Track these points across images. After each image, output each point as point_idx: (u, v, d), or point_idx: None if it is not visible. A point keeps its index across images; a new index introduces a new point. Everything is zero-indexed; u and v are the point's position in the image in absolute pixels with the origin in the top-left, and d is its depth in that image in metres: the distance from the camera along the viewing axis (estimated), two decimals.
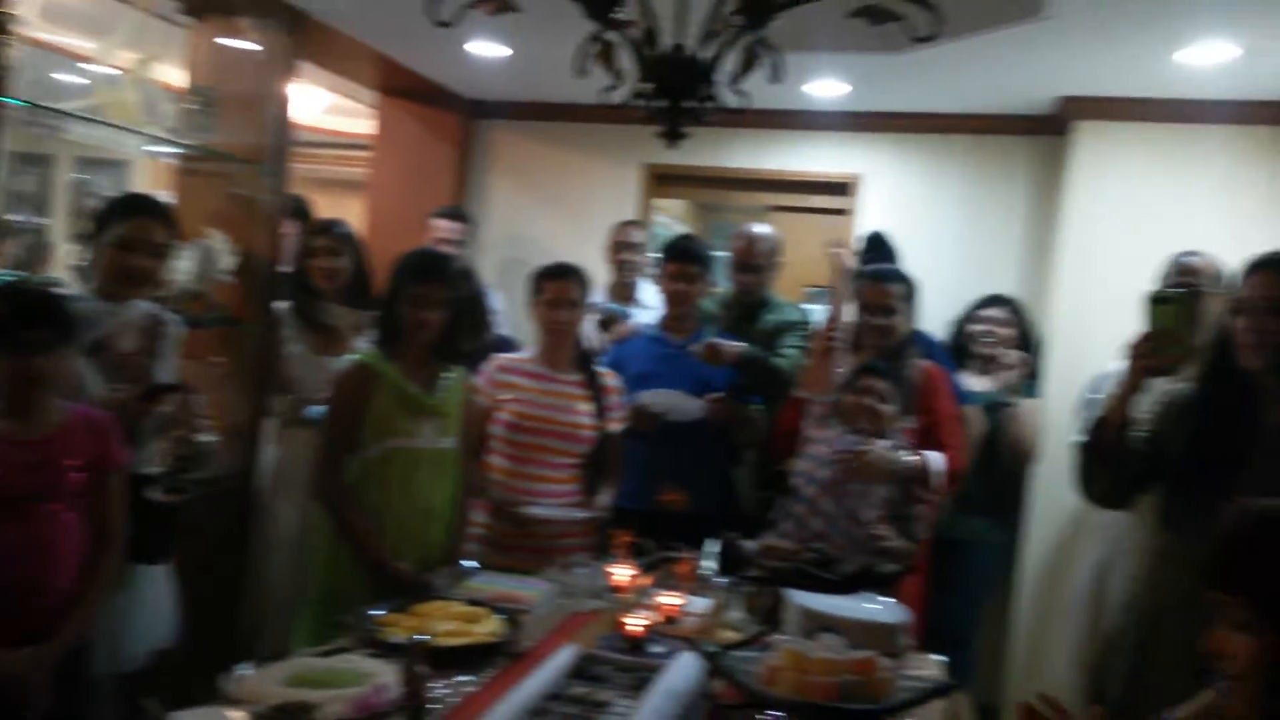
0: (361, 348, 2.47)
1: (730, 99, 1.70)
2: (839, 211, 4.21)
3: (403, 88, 4.32)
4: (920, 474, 2.53)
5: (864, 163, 4.13)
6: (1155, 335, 1.96)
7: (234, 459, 2.97)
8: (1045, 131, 3.79)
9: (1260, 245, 3.37)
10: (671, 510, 2.56)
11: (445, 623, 1.85)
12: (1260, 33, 2.73)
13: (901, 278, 2.83)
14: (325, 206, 3.98)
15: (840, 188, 4.21)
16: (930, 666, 1.96)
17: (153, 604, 2.25)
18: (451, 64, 3.88)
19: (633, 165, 4.38)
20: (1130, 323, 2.33)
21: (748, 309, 3.29)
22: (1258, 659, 0.95)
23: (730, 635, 1.87)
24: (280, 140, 3.24)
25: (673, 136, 1.65)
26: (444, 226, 3.85)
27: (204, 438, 2.26)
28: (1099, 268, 3.49)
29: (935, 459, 2.56)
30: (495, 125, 4.57)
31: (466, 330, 2.50)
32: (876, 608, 1.85)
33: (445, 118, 4.47)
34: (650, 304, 3.67)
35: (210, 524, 2.79)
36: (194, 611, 2.42)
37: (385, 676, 1.50)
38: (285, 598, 2.80)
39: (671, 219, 5.42)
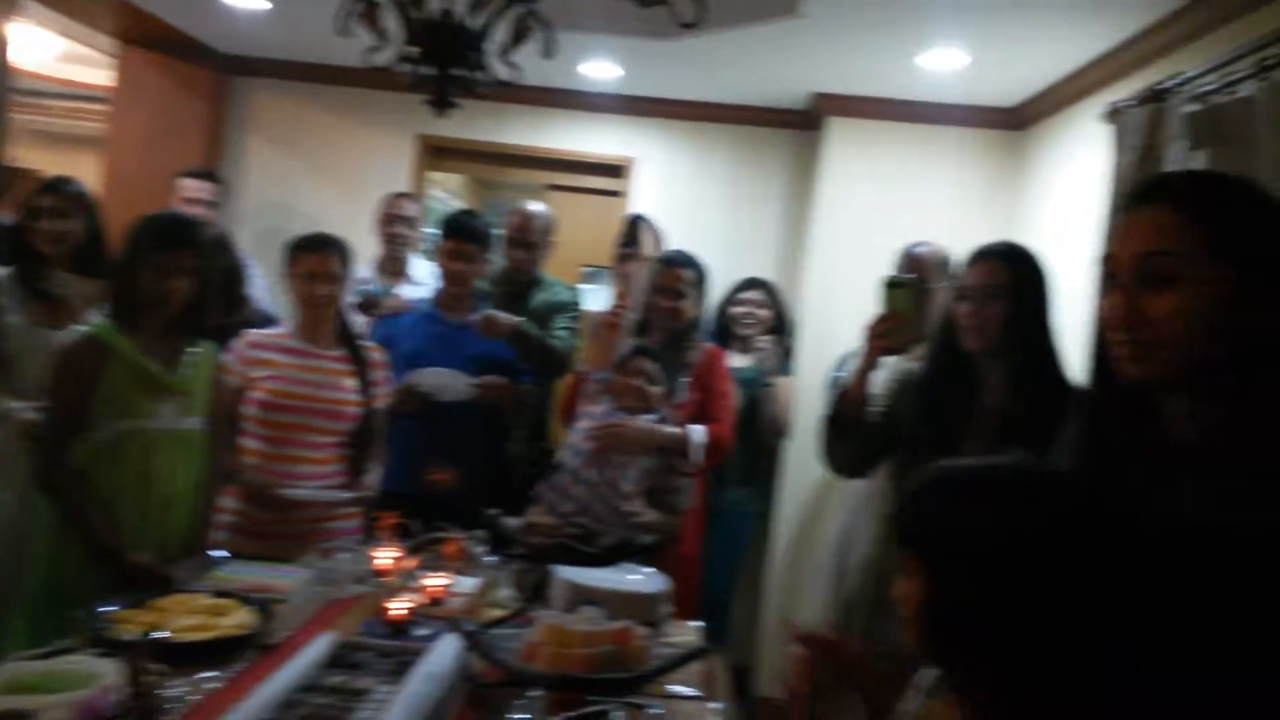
0: (93, 320, 2.24)
1: (501, 71, 1.67)
2: (613, 193, 4.27)
3: (147, 37, 3.95)
4: (681, 446, 2.63)
5: (637, 146, 4.21)
6: (888, 317, 2.13)
7: None
8: (801, 125, 4.02)
9: (986, 237, 3.74)
10: (441, 490, 2.52)
11: (188, 617, 1.73)
12: (985, 44, 3.01)
13: (693, 263, 2.92)
14: (54, 163, 3.59)
15: (615, 169, 4.27)
16: (689, 632, 2.05)
17: None
18: (203, 14, 3.59)
19: (406, 135, 4.24)
20: (872, 306, 2.53)
21: (519, 287, 3.28)
22: (917, 604, 1.05)
23: (498, 613, 1.87)
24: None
25: (441, 105, 1.61)
26: (192, 187, 3.57)
27: None
28: (846, 254, 3.74)
29: (697, 432, 2.67)
30: (255, 84, 4.28)
31: (219, 302, 2.33)
32: (638, 578, 1.91)
33: (196, 72, 4.13)
34: (422, 280, 3.58)
35: None
36: None
37: (114, 678, 1.38)
38: None
39: (447, 193, 5.31)
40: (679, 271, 2.84)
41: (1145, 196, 1.08)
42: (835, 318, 3.69)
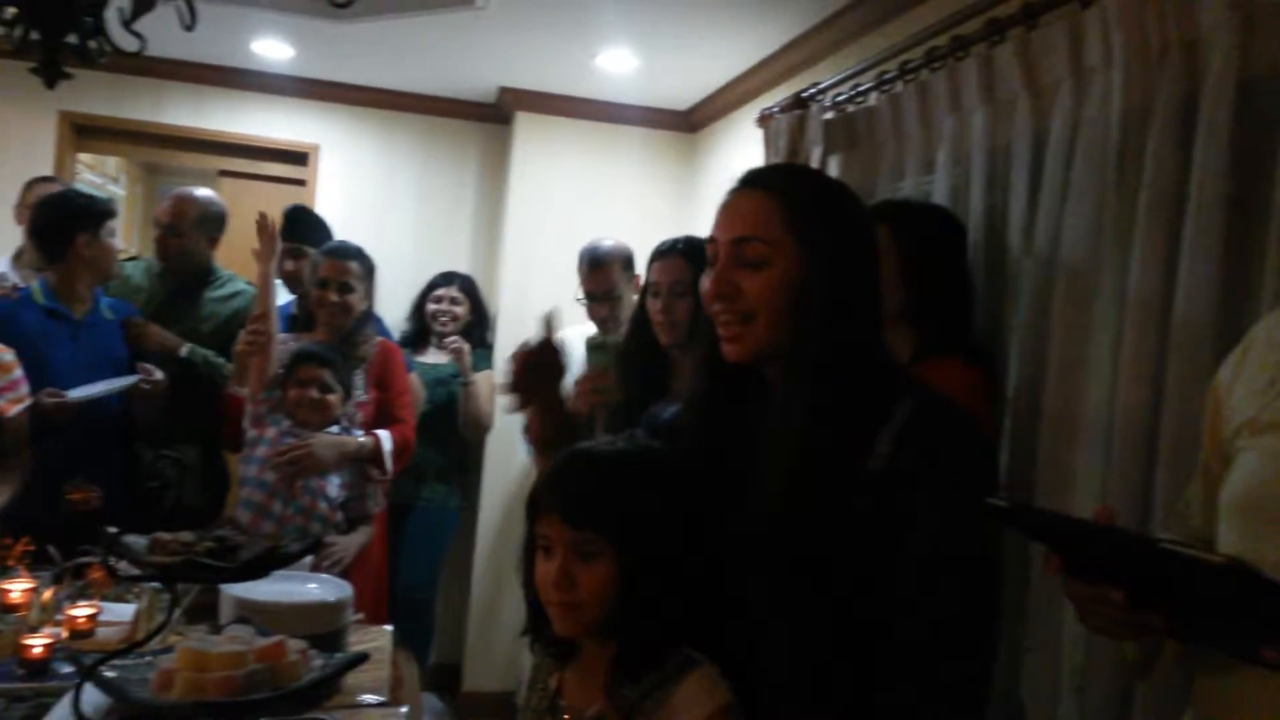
0: None
1: (126, 41, 1.51)
2: (297, 181, 4.04)
3: None
4: (374, 453, 2.55)
5: (321, 133, 4.01)
6: (596, 377, 2.15)
7: None
8: (492, 119, 4.02)
9: (669, 233, 3.90)
10: (81, 510, 2.25)
11: None
12: (653, 48, 3.14)
13: (360, 255, 2.80)
14: None
15: (298, 156, 4.04)
16: (381, 636, 1.99)
17: None
18: None
19: (47, 112, 3.75)
20: (565, 293, 2.59)
21: (187, 280, 3.01)
22: (606, 585, 1.08)
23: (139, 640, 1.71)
24: None
25: (49, 74, 1.42)
26: None
27: None
28: (540, 248, 3.78)
29: (387, 438, 2.60)
30: None
31: None
32: (314, 588, 1.82)
33: None
34: None
35: None
36: None
37: None
38: None
39: (102, 177, 4.78)
40: (346, 264, 2.70)
41: (742, 184, 1.18)
42: (532, 311, 3.69)
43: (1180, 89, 1.49)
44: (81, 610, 1.81)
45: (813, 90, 2.46)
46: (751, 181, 1.18)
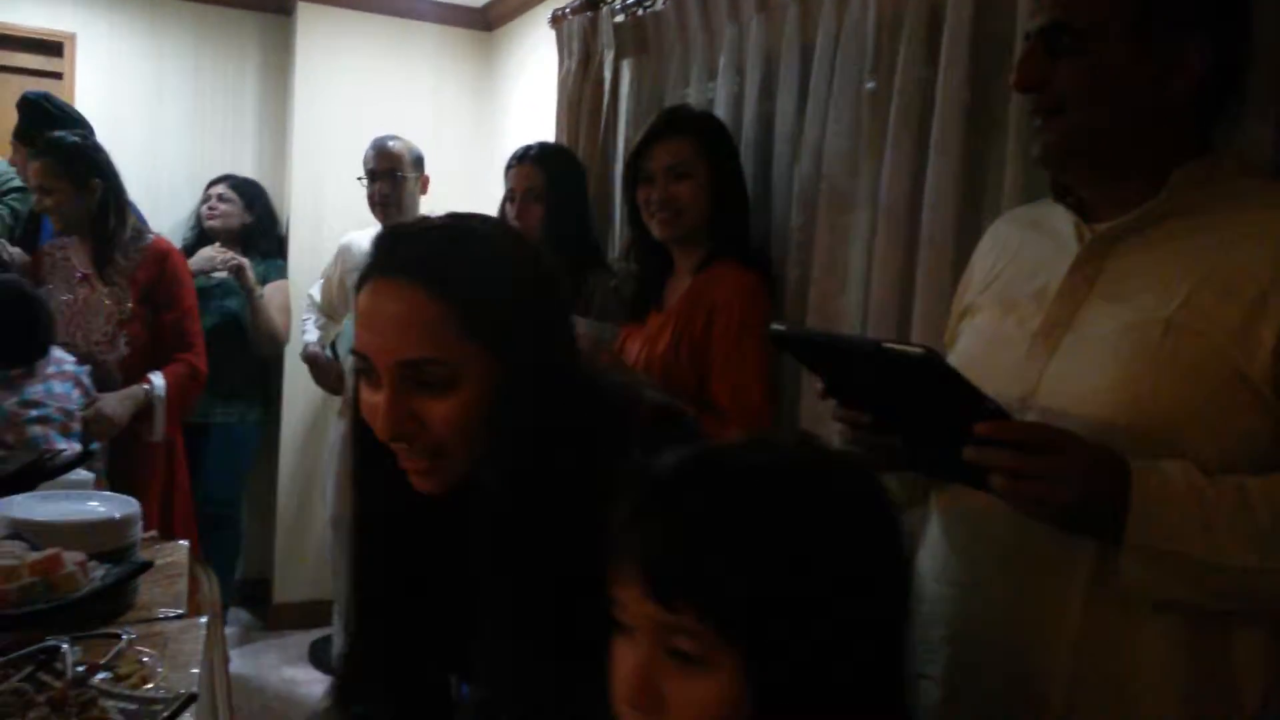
0: None
1: None
2: (53, 74, 3.67)
3: None
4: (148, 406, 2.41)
5: (77, 21, 3.63)
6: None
7: None
8: (271, 9, 3.77)
9: (466, 133, 3.82)
10: None
11: None
12: None
13: (62, 118, 2.57)
14: None
15: (52, 47, 3.66)
16: (178, 551, 1.95)
17: None
18: None
19: None
20: (359, 198, 2.49)
21: None
22: (717, 714, 0.65)
23: None
24: None
25: None
26: None
27: None
28: (331, 147, 3.60)
29: (160, 386, 2.43)
30: None
31: None
32: (95, 505, 1.75)
33: None
34: None
35: None
36: None
37: None
38: None
39: None
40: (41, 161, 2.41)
41: (385, 271, 0.88)
42: (326, 212, 3.59)
43: (928, 2, 1.60)
44: None
45: None
46: (401, 269, 0.86)
